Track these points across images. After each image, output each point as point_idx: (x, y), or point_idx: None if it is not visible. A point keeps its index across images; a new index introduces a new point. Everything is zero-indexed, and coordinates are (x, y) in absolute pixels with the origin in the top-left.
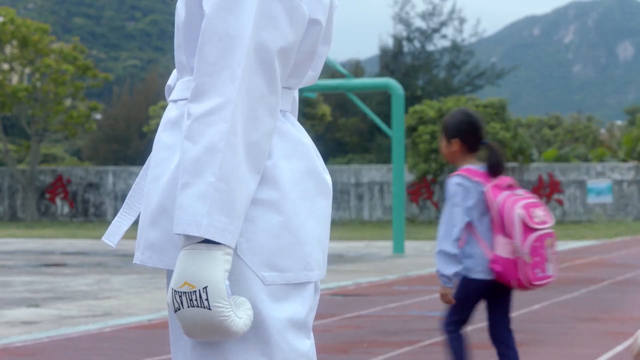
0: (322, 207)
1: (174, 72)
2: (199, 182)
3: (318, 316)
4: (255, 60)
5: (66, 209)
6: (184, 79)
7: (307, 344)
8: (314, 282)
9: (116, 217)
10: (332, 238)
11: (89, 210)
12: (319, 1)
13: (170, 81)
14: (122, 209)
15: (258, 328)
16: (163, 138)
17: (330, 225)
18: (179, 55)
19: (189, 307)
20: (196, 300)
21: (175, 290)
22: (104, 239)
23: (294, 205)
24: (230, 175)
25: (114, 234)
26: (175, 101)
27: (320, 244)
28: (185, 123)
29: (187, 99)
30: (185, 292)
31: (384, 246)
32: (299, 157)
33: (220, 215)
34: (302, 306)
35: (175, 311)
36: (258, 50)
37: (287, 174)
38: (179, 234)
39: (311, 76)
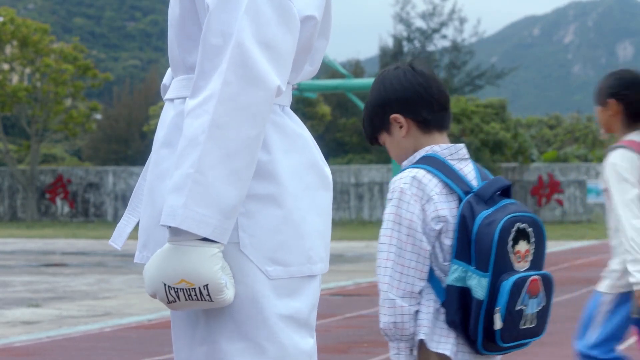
0: (323, 200)
1: (169, 70)
2: (178, 173)
3: (318, 316)
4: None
5: (66, 209)
6: (179, 78)
7: (310, 342)
8: (318, 275)
9: (121, 220)
10: (332, 238)
11: (89, 210)
12: None
13: (165, 80)
14: (126, 211)
15: (261, 325)
16: (160, 137)
17: (330, 225)
18: (172, 52)
19: (186, 300)
20: (196, 295)
21: (169, 286)
22: (110, 242)
23: (294, 199)
24: (210, 167)
25: (119, 236)
26: (172, 100)
27: (322, 237)
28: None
29: (183, 97)
30: (183, 289)
31: None
32: (298, 150)
33: (198, 207)
34: (305, 304)
35: (169, 303)
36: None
37: (286, 168)
38: (165, 227)
39: (309, 71)
